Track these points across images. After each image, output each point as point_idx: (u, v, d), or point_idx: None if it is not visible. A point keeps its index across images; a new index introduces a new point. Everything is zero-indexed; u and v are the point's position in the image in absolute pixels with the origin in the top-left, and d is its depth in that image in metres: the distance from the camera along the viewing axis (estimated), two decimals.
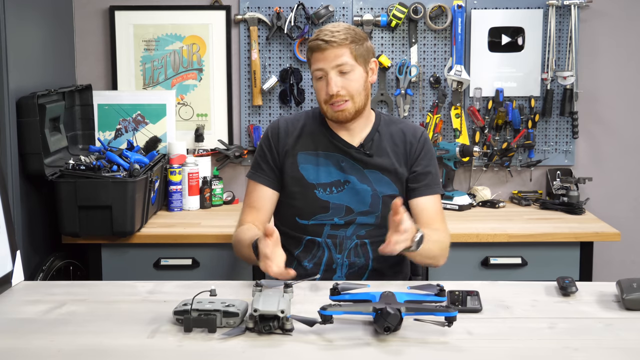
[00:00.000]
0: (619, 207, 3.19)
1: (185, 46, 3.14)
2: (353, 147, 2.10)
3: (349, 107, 2.04)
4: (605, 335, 1.50)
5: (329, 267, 2.08)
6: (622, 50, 3.16)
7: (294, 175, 2.10)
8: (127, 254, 2.61)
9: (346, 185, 2.09)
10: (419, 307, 1.50)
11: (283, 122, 2.16)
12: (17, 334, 1.51)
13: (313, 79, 2.07)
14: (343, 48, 2.00)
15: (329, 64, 2.00)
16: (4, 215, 1.81)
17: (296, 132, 2.13)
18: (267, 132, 2.16)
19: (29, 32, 2.50)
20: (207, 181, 3.00)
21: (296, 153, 2.11)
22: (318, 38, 2.02)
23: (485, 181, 3.21)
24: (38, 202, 2.52)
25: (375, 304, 1.48)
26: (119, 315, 1.62)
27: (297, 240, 2.11)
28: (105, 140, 3.03)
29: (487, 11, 3.11)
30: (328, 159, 2.10)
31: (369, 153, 2.09)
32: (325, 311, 1.47)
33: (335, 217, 2.08)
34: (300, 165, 2.10)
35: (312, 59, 2.04)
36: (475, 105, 3.12)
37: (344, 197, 2.08)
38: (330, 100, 2.02)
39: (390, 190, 2.09)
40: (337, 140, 2.11)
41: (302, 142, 2.12)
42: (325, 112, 2.08)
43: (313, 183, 2.09)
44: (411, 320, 1.51)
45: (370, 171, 2.09)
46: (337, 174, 2.09)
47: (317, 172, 2.09)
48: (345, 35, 2.01)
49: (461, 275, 2.52)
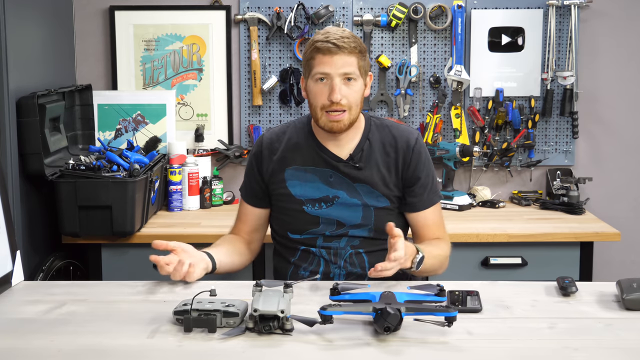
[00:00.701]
0: (619, 207, 3.19)
1: (185, 46, 3.14)
2: (342, 161, 2.01)
3: (345, 119, 1.94)
4: (605, 335, 1.50)
5: (326, 277, 2.03)
6: (622, 50, 3.16)
7: (282, 192, 2.04)
8: (127, 254, 2.61)
9: (335, 200, 2.01)
10: (419, 307, 1.50)
11: (267, 140, 2.08)
12: (17, 334, 1.51)
13: (310, 80, 1.96)
14: (352, 56, 1.92)
15: (337, 70, 1.90)
16: (4, 215, 1.81)
17: (281, 147, 2.05)
18: (252, 151, 2.11)
19: (29, 32, 2.50)
20: (207, 181, 3.00)
21: (283, 169, 2.04)
22: (328, 40, 1.90)
23: (485, 181, 3.21)
24: (38, 202, 2.52)
25: (375, 304, 1.48)
26: (119, 315, 1.62)
27: (293, 250, 2.08)
28: (105, 140, 3.03)
29: (487, 11, 3.11)
30: (315, 174, 2.03)
31: (359, 166, 2.00)
32: (325, 311, 1.47)
33: (327, 231, 2.03)
34: (287, 182, 2.04)
35: (315, 60, 1.92)
36: (475, 105, 3.12)
37: (333, 212, 2.01)
38: (328, 107, 1.92)
39: (381, 203, 2.02)
40: (325, 154, 2.02)
41: (289, 158, 2.04)
42: (318, 119, 1.96)
43: (301, 199, 2.02)
44: (411, 320, 1.51)
45: (360, 185, 2.01)
46: (325, 189, 2.02)
47: (304, 188, 2.02)
48: (354, 44, 1.92)
49: (461, 275, 2.51)
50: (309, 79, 1.97)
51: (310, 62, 1.95)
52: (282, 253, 2.11)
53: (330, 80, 1.91)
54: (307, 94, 1.99)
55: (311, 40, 1.95)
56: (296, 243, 2.06)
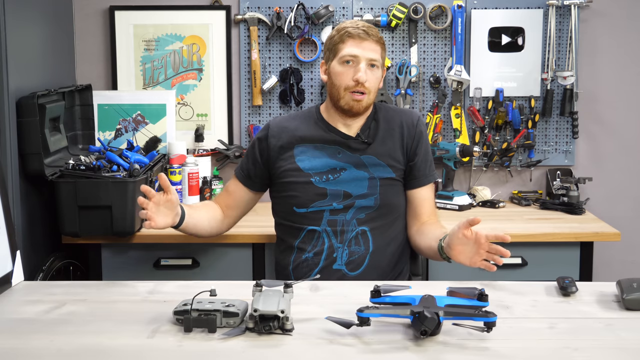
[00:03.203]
0: (619, 207, 3.19)
1: (185, 46, 3.14)
2: (350, 138, 2.15)
3: (365, 100, 2.09)
4: (605, 335, 1.50)
5: (330, 256, 2.09)
6: (622, 50, 3.16)
7: (290, 167, 2.14)
8: (127, 254, 2.61)
9: (342, 172, 2.13)
10: (457, 311, 1.47)
11: (276, 122, 2.22)
12: (17, 334, 1.51)
13: (335, 62, 2.11)
14: (378, 45, 2.10)
15: (365, 54, 2.07)
16: (4, 215, 1.81)
17: (291, 127, 2.19)
18: (258, 134, 2.23)
19: (29, 32, 2.50)
20: (207, 181, 3.00)
21: (292, 147, 2.16)
22: (359, 27, 2.08)
23: (485, 181, 3.21)
24: (38, 202, 2.52)
25: (413, 307, 1.46)
26: (119, 315, 1.62)
27: (297, 230, 2.13)
28: (105, 140, 3.03)
29: (487, 11, 3.11)
30: (324, 151, 2.15)
31: (367, 141, 2.13)
32: (363, 313, 1.46)
33: (334, 202, 2.11)
34: (296, 157, 2.15)
35: (343, 43, 2.09)
36: (475, 105, 3.13)
37: (341, 183, 2.12)
38: (353, 88, 2.07)
39: (387, 173, 2.13)
40: (335, 133, 2.16)
41: (298, 137, 2.16)
42: (339, 99, 2.11)
43: (309, 172, 2.13)
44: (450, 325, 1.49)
45: (367, 157, 2.13)
46: (333, 162, 2.13)
47: (313, 162, 2.14)
48: (379, 36, 2.12)
49: (461, 275, 2.51)
50: (333, 61, 2.12)
51: (338, 46, 2.11)
52: (285, 239, 2.15)
53: (357, 63, 2.08)
54: (330, 75, 2.14)
55: (339, 26, 2.13)
56: (301, 221, 2.12)
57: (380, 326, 1.51)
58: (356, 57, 2.08)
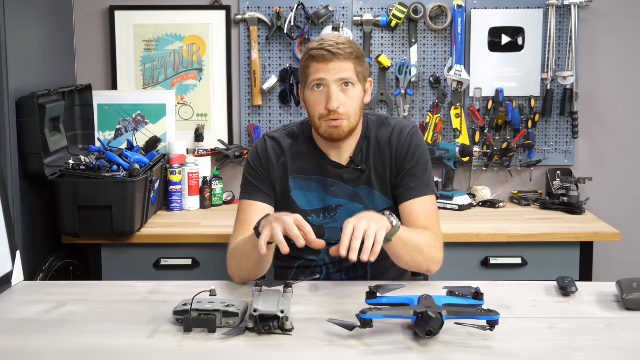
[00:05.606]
0: (619, 207, 3.19)
1: (185, 46, 3.14)
2: (343, 167, 2.00)
3: (344, 125, 1.90)
4: (605, 335, 1.50)
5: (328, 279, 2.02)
6: (622, 50, 3.16)
7: (286, 201, 2.01)
8: (127, 254, 2.61)
9: (339, 210, 2.00)
10: (460, 310, 1.47)
11: (270, 142, 2.04)
12: (17, 334, 1.51)
13: (307, 89, 1.92)
14: (349, 62, 1.88)
15: (333, 76, 1.87)
16: (4, 215, 1.81)
17: (285, 153, 2.02)
18: (256, 151, 2.04)
19: (29, 32, 2.50)
20: (207, 181, 3.00)
21: (287, 177, 2.01)
22: (322, 47, 1.87)
23: (485, 181, 3.21)
24: (38, 202, 2.52)
25: (415, 308, 1.45)
26: (119, 315, 1.62)
27: (295, 260, 2.05)
28: (105, 140, 3.03)
29: (487, 11, 3.11)
30: (319, 184, 2.01)
31: (361, 168, 1.99)
32: (365, 315, 1.45)
33: (332, 240, 1.95)
34: (292, 191, 2.01)
35: (311, 68, 1.89)
36: (475, 105, 3.13)
37: (338, 221, 1.98)
38: (327, 116, 1.89)
39: (383, 204, 2.00)
40: (327, 163, 2.00)
41: (292, 166, 2.01)
42: (318, 128, 1.93)
43: (306, 210, 2.00)
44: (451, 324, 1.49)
45: (362, 188, 2.00)
46: (328, 199, 2.00)
47: (309, 199, 2.01)
48: (350, 50, 1.88)
49: (461, 275, 2.51)
50: (306, 88, 1.93)
51: (306, 71, 1.92)
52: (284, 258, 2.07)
53: (327, 87, 1.88)
54: (306, 104, 1.96)
55: (306, 49, 1.92)
56: (300, 252, 1.94)
57: (379, 327, 1.51)
58: (323, 81, 1.87)
